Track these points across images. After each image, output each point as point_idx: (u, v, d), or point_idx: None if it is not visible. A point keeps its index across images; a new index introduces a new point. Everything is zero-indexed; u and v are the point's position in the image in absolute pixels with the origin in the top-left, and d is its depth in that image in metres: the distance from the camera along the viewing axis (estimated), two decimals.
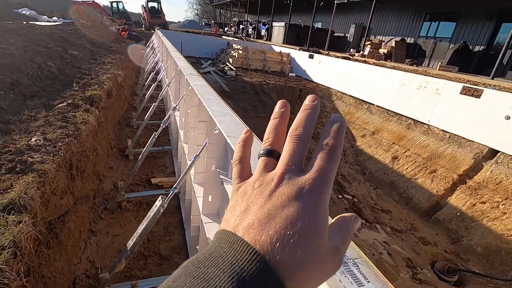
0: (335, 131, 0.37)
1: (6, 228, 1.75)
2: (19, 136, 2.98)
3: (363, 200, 8.11)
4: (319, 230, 0.30)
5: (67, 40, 8.00)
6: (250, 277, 0.24)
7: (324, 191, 0.32)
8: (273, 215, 0.29)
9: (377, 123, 10.28)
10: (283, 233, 0.28)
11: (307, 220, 0.29)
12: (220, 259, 0.26)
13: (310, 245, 0.28)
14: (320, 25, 25.91)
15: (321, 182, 0.33)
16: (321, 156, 0.35)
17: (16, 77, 4.39)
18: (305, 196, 0.31)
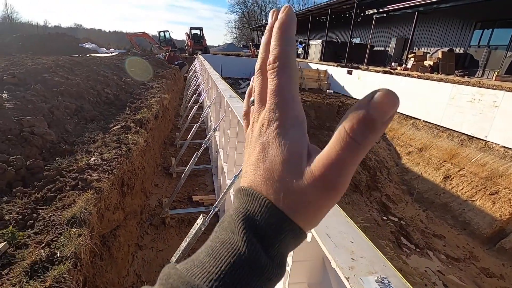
0: (273, 37, 0.32)
1: (69, 240, 1.95)
2: (81, 156, 3.35)
3: (412, 223, 7.48)
4: (286, 155, 0.28)
5: (122, 69, 8.93)
6: (253, 212, 0.27)
7: (281, 113, 0.30)
8: (249, 161, 0.32)
9: (425, 140, 9.59)
10: (256, 174, 0.30)
11: (269, 153, 0.29)
12: (232, 210, 0.29)
13: (278, 179, 0.28)
14: (358, 40, 25.50)
15: (274, 106, 0.30)
16: (268, 79, 0.31)
17: (80, 103, 4.98)
18: (263, 132, 0.31)
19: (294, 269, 1.16)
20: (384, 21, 19.49)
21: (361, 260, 0.80)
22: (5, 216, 2.17)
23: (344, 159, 0.25)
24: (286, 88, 0.30)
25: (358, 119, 0.24)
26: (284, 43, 0.31)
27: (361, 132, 0.24)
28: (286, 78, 0.30)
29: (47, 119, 3.89)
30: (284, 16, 0.31)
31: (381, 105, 0.24)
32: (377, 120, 0.24)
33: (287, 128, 0.29)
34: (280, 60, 0.30)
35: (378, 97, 0.24)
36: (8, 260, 1.78)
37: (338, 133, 0.26)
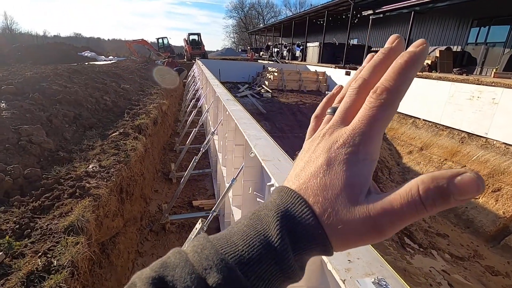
0: (393, 68, 0.30)
1: (66, 249, 1.93)
2: (79, 163, 3.34)
3: (415, 223, 7.43)
4: (346, 183, 0.29)
5: (120, 76, 8.96)
6: (293, 215, 0.28)
7: (360, 143, 0.29)
8: (306, 168, 0.31)
9: (425, 138, 9.56)
10: (309, 183, 0.30)
11: (332, 172, 0.29)
12: (270, 203, 0.30)
13: (330, 198, 0.29)
14: (356, 41, 25.60)
15: (357, 133, 0.29)
16: (365, 103, 0.30)
17: (78, 111, 4.98)
18: (334, 149, 0.30)
19: None
20: (381, 21, 19.56)
21: (358, 261, 0.78)
22: (2, 225, 2.16)
23: (405, 215, 0.26)
24: (379, 124, 0.29)
25: (436, 188, 0.24)
26: (403, 80, 0.29)
27: (433, 201, 0.25)
28: (385, 115, 0.29)
29: (45, 128, 3.88)
30: (418, 52, 0.30)
31: (466, 189, 0.24)
32: (454, 199, 0.24)
33: (359, 159, 0.29)
34: (390, 96, 0.29)
35: (466, 180, 0.24)
36: (5, 270, 1.76)
37: (410, 189, 0.26)
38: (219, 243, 0.28)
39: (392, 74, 0.29)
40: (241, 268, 0.26)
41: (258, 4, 67.42)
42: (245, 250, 0.27)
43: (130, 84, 8.39)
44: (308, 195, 0.29)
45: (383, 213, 0.27)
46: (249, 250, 0.27)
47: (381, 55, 0.32)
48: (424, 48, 0.30)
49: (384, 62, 0.32)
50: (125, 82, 8.48)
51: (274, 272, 0.27)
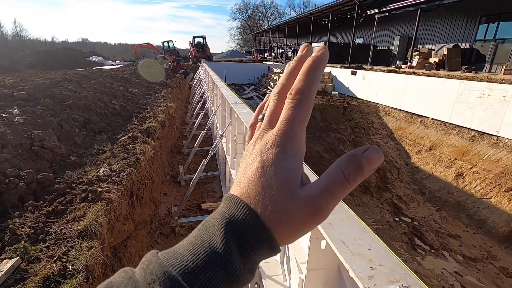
0: (302, 71, 0.35)
1: (80, 253, 1.95)
2: (90, 168, 3.38)
3: (425, 224, 7.32)
4: (281, 178, 0.31)
5: (127, 80, 9.05)
6: (237, 219, 0.30)
7: (286, 141, 0.33)
8: (245, 172, 0.34)
9: (434, 138, 9.43)
10: (249, 187, 0.32)
11: (266, 172, 0.32)
12: (217, 212, 0.32)
13: (269, 196, 0.31)
14: (361, 40, 25.42)
15: (282, 132, 0.33)
16: (285, 105, 0.34)
17: (88, 115, 5.05)
18: (265, 151, 0.33)
19: (308, 278, 1.13)
20: (387, 20, 19.39)
21: (380, 268, 0.76)
22: (17, 230, 2.19)
23: (337, 193, 0.30)
24: (299, 120, 0.33)
25: (352, 162, 0.30)
26: (310, 80, 0.34)
27: (354, 176, 0.30)
28: (302, 112, 0.33)
29: (56, 133, 3.94)
30: (319, 55, 0.35)
31: (372, 160, 0.30)
32: (366, 167, 0.30)
33: (288, 155, 0.33)
34: (302, 94, 0.33)
35: (370, 152, 0.30)
36: (21, 275, 1.79)
37: (335, 172, 0.31)
38: (166, 257, 0.29)
39: (301, 77, 0.34)
40: (185, 278, 0.27)
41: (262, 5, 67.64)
42: (190, 260, 0.28)
43: (137, 88, 8.47)
44: (250, 198, 0.31)
45: (320, 197, 0.30)
46: (194, 259, 0.28)
47: (294, 62, 0.37)
48: (324, 52, 0.35)
49: (297, 67, 0.36)
50: (132, 86, 8.57)
51: (220, 278, 0.28)
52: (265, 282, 1.88)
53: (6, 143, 3.22)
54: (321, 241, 1.08)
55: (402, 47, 19.21)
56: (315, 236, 1.07)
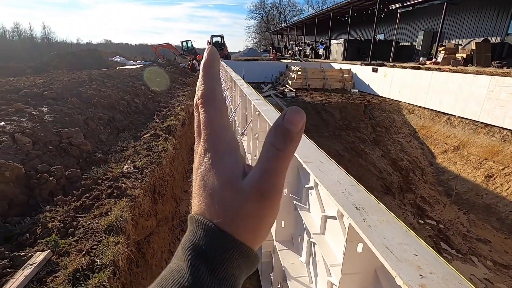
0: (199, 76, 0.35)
1: (107, 248, 1.99)
2: (115, 164, 3.46)
3: (451, 227, 6.99)
4: (222, 179, 0.30)
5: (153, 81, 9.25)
6: (200, 238, 0.28)
7: (214, 142, 0.32)
8: (194, 191, 0.32)
9: (462, 137, 8.98)
10: (202, 201, 0.31)
11: (208, 181, 0.31)
12: (183, 237, 0.30)
13: (218, 201, 0.30)
14: (382, 36, 24.67)
15: (205, 138, 0.33)
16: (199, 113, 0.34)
17: (112, 114, 5.19)
18: (201, 162, 0.32)
19: (343, 283, 1.07)
20: (410, 15, 18.68)
21: (431, 276, 0.70)
22: (48, 224, 2.27)
23: (274, 167, 0.29)
24: (215, 119, 0.33)
25: (277, 132, 0.29)
26: (208, 80, 0.34)
27: (284, 142, 0.28)
28: (214, 110, 0.33)
29: (83, 130, 4.07)
30: (206, 55, 0.35)
31: (293, 118, 0.28)
32: (292, 130, 0.28)
33: (220, 155, 0.32)
34: (206, 95, 0.33)
35: (289, 114, 0.29)
36: (52, 267, 1.84)
37: (264, 148, 0.29)
38: None
39: (200, 82, 0.34)
40: None
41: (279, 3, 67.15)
42: None
43: (159, 86, 8.63)
44: (204, 212, 0.30)
45: (259, 180, 0.29)
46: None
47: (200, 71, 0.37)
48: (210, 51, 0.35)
49: None
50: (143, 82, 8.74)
51: None
52: (290, 284, 1.84)
53: (37, 140, 3.36)
54: (358, 244, 1.02)
55: (426, 42, 18.46)
56: (351, 238, 1.01)
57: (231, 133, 0.34)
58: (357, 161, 9.91)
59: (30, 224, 2.29)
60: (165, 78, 10.24)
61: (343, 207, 1.03)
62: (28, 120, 3.70)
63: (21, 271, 1.75)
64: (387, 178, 9.27)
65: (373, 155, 10.26)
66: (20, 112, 4.00)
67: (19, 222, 2.33)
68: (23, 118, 3.76)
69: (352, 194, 1.12)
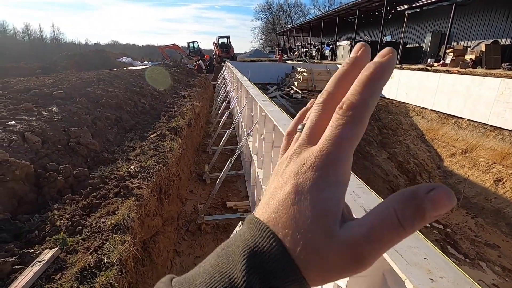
0: (359, 81, 0.27)
1: (114, 247, 2.01)
2: (122, 164, 3.49)
3: (459, 231, 6.89)
4: (318, 211, 0.26)
5: (155, 79, 9.32)
6: (262, 251, 0.25)
7: (329, 165, 0.27)
8: (275, 194, 0.28)
9: (470, 140, 8.86)
10: (278, 213, 0.27)
11: (301, 200, 0.26)
12: (239, 237, 0.27)
13: (301, 230, 0.26)
14: (389, 38, 24.50)
15: (325, 154, 0.27)
16: (332, 120, 0.27)
17: (119, 114, 5.25)
18: (302, 173, 0.27)
19: (350, 285, 1.06)
20: (418, 16, 18.53)
21: (442, 281, 0.69)
22: (56, 222, 2.30)
23: (386, 239, 0.24)
24: (348, 143, 0.27)
25: (412, 208, 0.23)
26: (370, 94, 0.27)
27: (412, 221, 0.23)
28: (353, 133, 0.27)
29: (90, 130, 4.12)
30: (384, 62, 0.27)
31: (439, 204, 0.22)
32: (430, 216, 0.23)
33: (329, 183, 0.27)
34: (357, 112, 0.26)
35: (438, 194, 0.22)
36: (60, 265, 1.87)
37: (387, 212, 0.24)
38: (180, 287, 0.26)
39: (358, 88, 0.27)
40: None
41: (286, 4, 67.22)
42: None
43: (165, 87, 8.70)
44: (278, 227, 0.26)
45: (364, 242, 0.24)
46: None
47: (346, 65, 0.30)
48: (391, 58, 0.27)
49: (349, 73, 0.29)
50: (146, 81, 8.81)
51: None
52: None
53: (46, 139, 3.41)
54: None
55: (434, 44, 18.28)
56: None
57: (349, 166, 0.28)
58: (363, 164, 9.84)
59: (39, 222, 2.33)
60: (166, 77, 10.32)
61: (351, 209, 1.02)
62: (37, 120, 3.76)
63: (30, 268, 1.78)
64: (393, 181, 9.19)
65: (379, 157, 10.17)
66: (30, 111, 4.06)
67: (28, 219, 2.36)
68: (33, 117, 3.82)
69: (360, 196, 1.11)
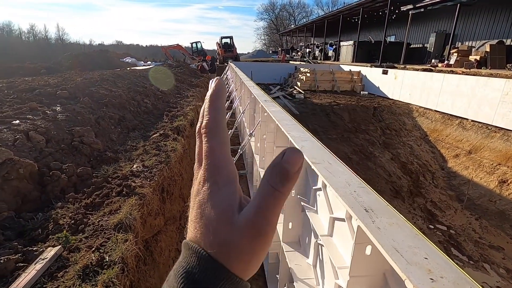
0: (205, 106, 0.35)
1: (116, 245, 2.02)
2: (125, 163, 3.51)
3: (463, 233, 6.84)
4: (218, 211, 0.31)
5: (158, 79, 9.36)
6: (193, 265, 0.29)
7: (214, 172, 0.33)
8: (191, 217, 0.33)
9: (474, 141, 8.79)
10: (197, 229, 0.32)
11: (205, 210, 0.32)
12: (177, 263, 0.31)
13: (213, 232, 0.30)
14: (393, 38, 24.39)
15: (207, 167, 0.33)
16: (202, 141, 0.35)
17: (122, 113, 5.27)
18: (200, 189, 0.33)
19: (351, 285, 1.06)
20: (422, 16, 18.42)
21: (442, 280, 0.69)
22: (59, 220, 2.32)
23: (269, 206, 0.29)
24: (217, 150, 0.34)
25: (276, 172, 0.29)
26: (214, 111, 0.35)
27: (280, 182, 0.29)
28: (217, 141, 0.34)
29: (94, 129, 4.15)
30: (214, 87, 0.36)
31: (293, 161, 0.29)
32: (290, 170, 0.29)
33: (220, 186, 0.32)
34: (210, 126, 0.34)
35: (288, 154, 0.29)
36: (63, 263, 1.88)
37: (261, 186, 0.30)
38: None
39: (205, 111, 0.35)
40: None
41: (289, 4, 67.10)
42: None
43: (168, 87, 8.73)
44: (199, 240, 0.31)
45: (256, 216, 0.30)
46: None
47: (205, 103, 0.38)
48: (218, 83, 0.36)
49: None
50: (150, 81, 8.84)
51: None
52: (297, 285, 1.83)
53: (50, 138, 3.44)
54: (367, 246, 1.01)
55: (438, 44, 18.15)
56: (360, 240, 1.00)
57: (231, 166, 0.35)
58: (366, 164, 9.80)
59: (42, 220, 2.35)
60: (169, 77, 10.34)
61: (352, 208, 1.03)
62: (42, 119, 3.79)
63: (33, 265, 1.80)
64: (396, 181, 9.14)
65: (382, 158, 10.13)
66: (35, 110, 4.10)
67: (32, 217, 2.38)
68: (37, 117, 3.86)
69: (362, 196, 1.11)
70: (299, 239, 2.17)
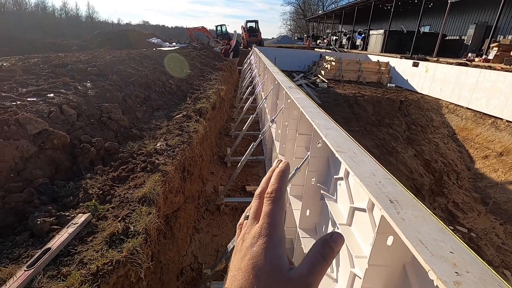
0: (273, 177, 0.45)
1: (140, 217, 2.13)
2: (149, 141, 3.63)
3: (485, 237, 6.60)
4: (272, 266, 0.36)
5: (183, 61, 9.44)
6: None
7: (271, 231, 0.38)
8: (239, 267, 0.37)
9: (507, 142, 8.29)
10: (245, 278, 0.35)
11: (257, 263, 0.36)
12: None
13: (265, 281, 0.34)
14: (427, 29, 23.01)
15: (265, 224, 0.39)
16: (264, 203, 0.41)
17: (148, 93, 5.41)
18: (254, 243, 0.38)
19: (369, 273, 1.07)
20: (461, 5, 17.19)
21: (468, 275, 0.68)
22: (89, 190, 2.46)
23: (320, 270, 0.36)
24: (277, 213, 0.40)
25: (326, 245, 0.37)
26: (280, 183, 0.43)
27: (329, 256, 0.37)
28: (278, 206, 0.41)
29: (121, 106, 4.30)
30: (283, 166, 0.46)
31: (337, 240, 0.38)
32: (335, 248, 0.37)
33: (274, 244, 0.37)
34: (276, 193, 0.42)
35: (335, 236, 0.38)
36: (92, 229, 2.01)
37: (316, 254, 0.37)
38: None
39: (273, 181, 0.44)
40: None
41: None
42: None
43: (191, 69, 8.81)
44: None
45: (309, 276, 0.35)
46: None
47: (269, 172, 0.47)
48: (286, 165, 0.47)
49: (270, 176, 0.46)
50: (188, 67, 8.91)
51: None
52: None
53: (81, 112, 3.61)
54: (388, 237, 1.01)
55: (477, 37, 16.96)
56: (382, 230, 1.00)
57: (283, 230, 0.41)
58: (387, 159, 9.55)
59: (73, 189, 2.50)
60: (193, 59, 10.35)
61: (376, 198, 1.02)
62: (73, 94, 3.97)
63: (66, 229, 1.94)
64: (418, 179, 8.87)
65: (404, 154, 9.82)
66: (67, 85, 4.29)
67: (64, 185, 2.55)
68: (69, 91, 4.04)
69: (387, 187, 1.10)
70: (316, 227, 2.19)
